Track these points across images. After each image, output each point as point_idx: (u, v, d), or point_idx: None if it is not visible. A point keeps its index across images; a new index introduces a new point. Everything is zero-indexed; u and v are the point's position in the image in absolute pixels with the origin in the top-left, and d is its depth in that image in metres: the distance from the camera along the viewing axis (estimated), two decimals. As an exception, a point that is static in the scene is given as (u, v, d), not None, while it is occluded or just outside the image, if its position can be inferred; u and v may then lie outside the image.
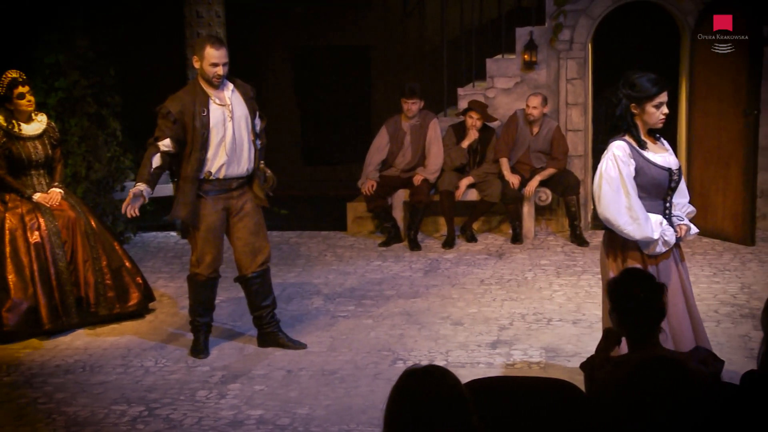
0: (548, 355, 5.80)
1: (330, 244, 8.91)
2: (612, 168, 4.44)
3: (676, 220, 4.60)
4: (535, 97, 8.58)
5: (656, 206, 4.52)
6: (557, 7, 8.98)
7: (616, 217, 4.42)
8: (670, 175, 4.51)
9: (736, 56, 8.26)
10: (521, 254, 8.30)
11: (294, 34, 11.94)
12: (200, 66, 5.71)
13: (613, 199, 4.42)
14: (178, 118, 5.66)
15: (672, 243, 4.51)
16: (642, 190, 4.48)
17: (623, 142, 4.48)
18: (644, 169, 4.46)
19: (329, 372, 5.64)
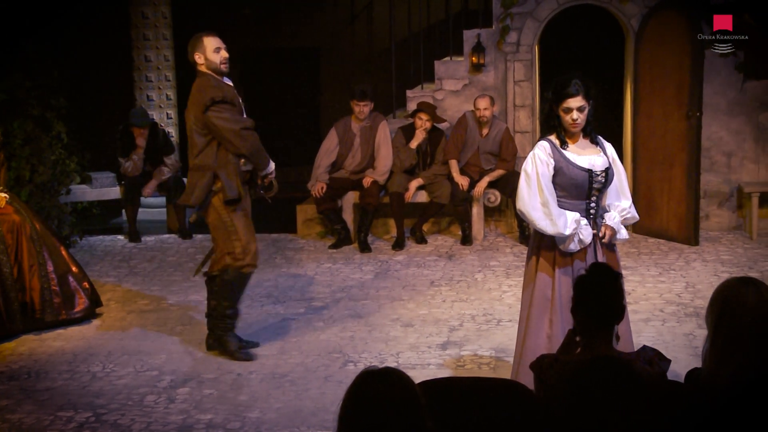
0: (498, 355, 5.84)
1: (279, 246, 8.88)
2: (531, 166, 4.58)
3: (605, 219, 4.66)
4: (484, 99, 8.63)
5: (578, 206, 4.61)
6: (504, 10, 9.05)
7: (531, 212, 4.56)
8: (591, 176, 4.57)
9: (678, 59, 8.39)
10: (471, 255, 8.35)
11: (242, 36, 11.87)
12: (204, 58, 5.74)
13: (528, 195, 4.56)
14: (234, 101, 5.76)
15: (587, 242, 4.58)
16: (562, 189, 4.58)
17: (546, 142, 4.61)
18: (564, 169, 4.55)
19: (280, 375, 5.61)
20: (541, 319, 4.66)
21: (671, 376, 3.84)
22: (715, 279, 7.14)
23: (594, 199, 4.64)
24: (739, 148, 8.92)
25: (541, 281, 4.67)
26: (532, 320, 4.69)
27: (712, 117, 8.79)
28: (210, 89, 5.71)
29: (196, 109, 5.72)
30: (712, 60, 8.70)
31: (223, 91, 5.71)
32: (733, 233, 8.81)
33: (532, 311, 4.69)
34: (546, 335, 4.64)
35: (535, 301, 4.68)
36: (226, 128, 5.67)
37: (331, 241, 8.85)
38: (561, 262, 4.63)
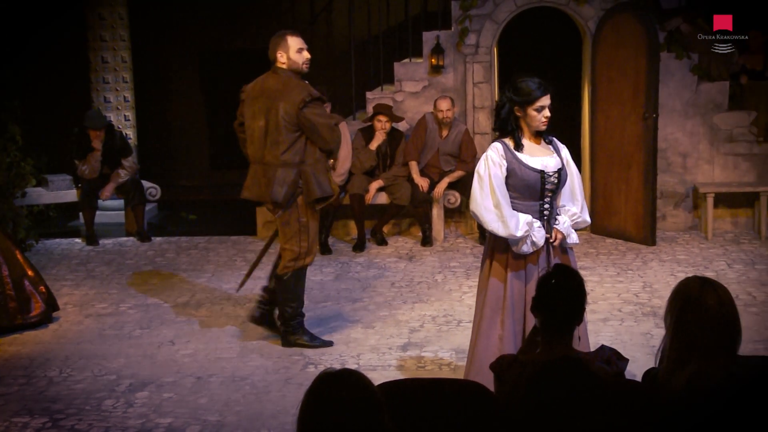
0: (458, 356, 5.86)
1: (240, 249, 8.84)
2: (483, 167, 4.62)
3: (555, 224, 4.70)
4: (445, 101, 8.67)
5: (531, 207, 4.64)
6: (463, 12, 9.10)
7: (483, 214, 4.59)
8: (543, 177, 4.61)
9: (634, 61, 8.49)
10: (431, 257, 8.37)
11: (200, 38, 11.81)
12: (287, 57, 5.84)
13: (481, 196, 4.60)
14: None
15: (540, 244, 4.61)
16: (515, 191, 4.61)
17: (499, 144, 4.64)
18: (516, 170, 4.59)
19: (240, 378, 5.59)
20: (493, 321, 4.69)
21: (629, 376, 3.88)
22: (672, 279, 7.23)
23: (547, 200, 4.68)
24: (694, 149, 9.05)
25: (494, 283, 4.70)
26: (484, 321, 4.73)
27: (668, 118, 8.90)
28: (302, 87, 5.85)
29: (290, 106, 5.77)
30: (667, 62, 8.82)
31: (312, 89, 5.86)
32: (689, 233, 8.93)
33: (484, 312, 4.73)
34: (498, 336, 4.67)
35: (488, 302, 4.71)
36: (322, 123, 5.81)
37: (291, 243, 8.81)
38: (513, 264, 4.66)
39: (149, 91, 11.31)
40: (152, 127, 11.42)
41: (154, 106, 11.54)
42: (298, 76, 5.89)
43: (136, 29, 10.53)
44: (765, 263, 7.78)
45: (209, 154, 12.40)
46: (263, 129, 5.87)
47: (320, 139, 5.82)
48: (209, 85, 12.17)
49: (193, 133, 12.24)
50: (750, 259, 7.92)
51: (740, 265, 7.77)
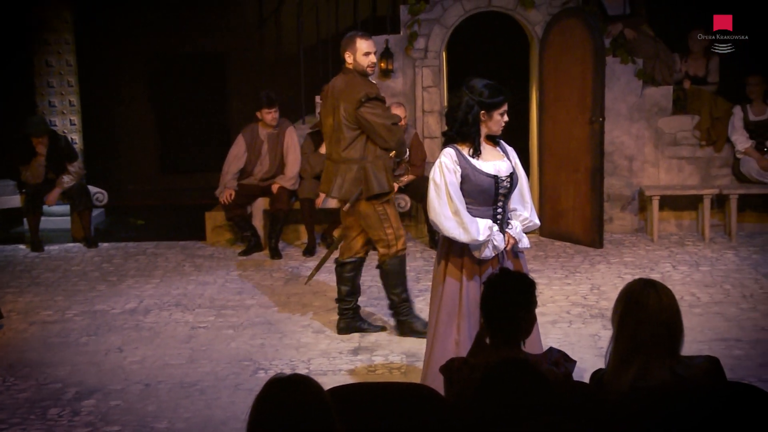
0: (409, 360, 5.87)
1: (188, 254, 8.76)
2: (438, 175, 4.60)
3: (508, 228, 4.73)
4: (399, 108, 8.68)
5: (485, 212, 4.65)
6: (412, 16, 9.13)
7: (443, 222, 4.59)
8: (497, 182, 4.64)
9: (581, 66, 8.59)
10: (381, 260, 8.36)
11: (149, 42, 11.70)
12: (353, 59, 6.01)
13: (439, 204, 4.59)
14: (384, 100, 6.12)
15: (501, 248, 4.64)
16: (469, 196, 4.62)
17: (452, 149, 4.63)
18: (470, 176, 4.59)
19: (189, 384, 5.54)
20: (449, 325, 4.69)
21: (577, 377, 3.92)
22: (619, 281, 7.32)
23: (500, 205, 4.70)
24: (640, 152, 9.17)
25: (450, 287, 4.70)
26: (440, 326, 4.72)
27: (614, 122, 9.02)
28: (363, 86, 6.00)
29: (349, 104, 5.96)
30: (612, 67, 8.94)
31: (376, 89, 6.05)
32: (635, 235, 9.05)
33: (440, 317, 4.72)
34: (454, 341, 4.67)
35: (444, 307, 4.71)
36: (379, 123, 5.97)
37: (240, 248, 8.78)
38: (469, 268, 4.67)
39: (96, 94, 11.17)
40: (99, 132, 11.28)
41: (100, 110, 11.41)
42: (364, 77, 6.04)
43: (81, 32, 10.40)
44: (708, 265, 7.92)
45: (158, 158, 12.29)
46: (332, 127, 6.11)
47: (378, 138, 6.01)
48: (158, 88, 12.07)
49: (141, 137, 12.13)
50: (694, 261, 8.05)
51: (685, 266, 7.89)
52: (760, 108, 8.89)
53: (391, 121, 6.04)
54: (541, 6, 9.04)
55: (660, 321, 3.17)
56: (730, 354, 5.76)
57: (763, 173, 8.79)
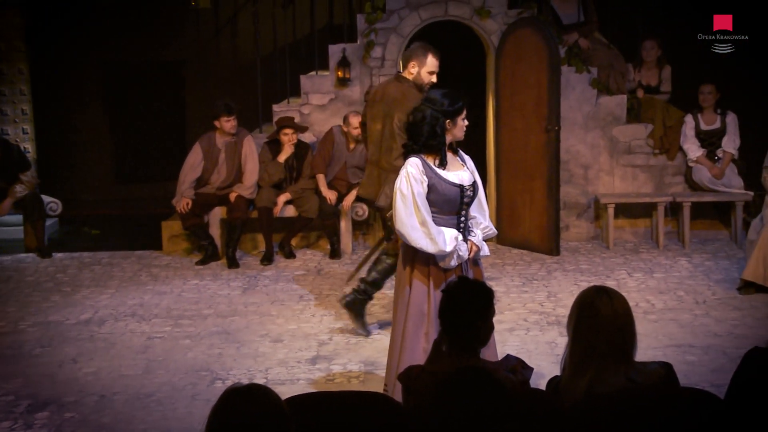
0: (367, 368, 5.87)
1: (145, 263, 8.69)
2: (405, 185, 4.59)
3: (470, 236, 4.76)
4: (357, 117, 8.70)
5: (450, 221, 4.68)
6: (368, 25, 9.15)
7: (410, 233, 4.57)
8: (462, 192, 4.67)
9: (537, 75, 8.66)
10: (340, 269, 8.37)
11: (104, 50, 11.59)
12: (417, 71, 6.01)
13: (406, 215, 4.57)
14: None
15: (465, 257, 4.67)
16: (435, 206, 4.63)
17: (417, 159, 4.63)
18: (436, 185, 4.61)
19: (145, 395, 5.48)
20: (417, 334, 4.68)
21: (535, 384, 3.95)
22: (575, 288, 7.38)
23: (464, 213, 4.74)
24: (595, 160, 9.27)
25: (417, 296, 4.68)
26: (408, 335, 4.69)
27: (569, 131, 9.10)
28: (416, 99, 5.85)
29: (402, 115, 5.82)
30: (567, 76, 9.03)
31: None
32: (591, 243, 9.13)
33: (408, 326, 4.69)
34: (422, 349, 4.64)
35: (411, 316, 4.69)
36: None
37: (197, 257, 8.72)
38: (436, 277, 4.66)
39: (50, 103, 11.04)
40: (53, 140, 11.14)
41: (55, 118, 11.27)
42: (419, 90, 5.98)
43: (33, 40, 10.28)
44: (663, 271, 8.02)
45: (113, 167, 12.17)
46: (380, 133, 6.14)
47: None
48: (114, 96, 11.95)
49: (96, 146, 11.99)
50: (649, 268, 8.15)
51: (640, 273, 7.98)
52: (711, 117, 9.03)
53: None
54: (497, 16, 9.11)
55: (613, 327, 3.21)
56: (684, 360, 5.83)
57: (714, 181, 8.93)
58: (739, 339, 6.18)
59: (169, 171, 10.11)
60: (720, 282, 7.60)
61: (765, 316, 6.58)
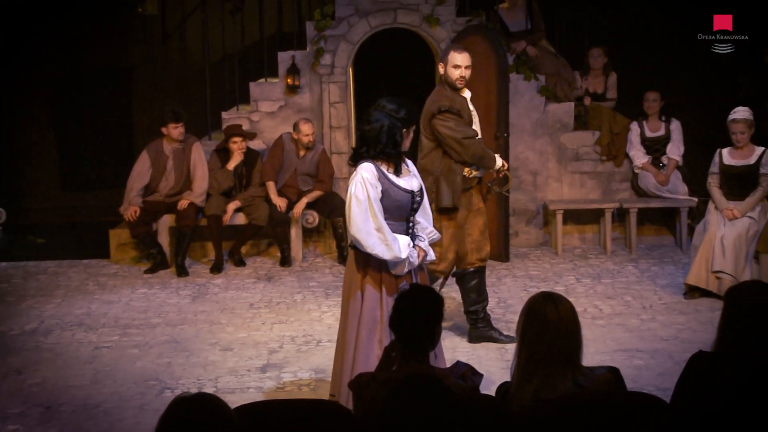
0: (318, 376, 5.85)
1: (92, 272, 8.57)
2: (360, 190, 4.56)
3: (418, 242, 4.78)
4: (308, 125, 8.69)
5: (400, 227, 4.70)
6: (318, 32, 9.15)
7: (366, 239, 4.55)
8: (413, 197, 4.69)
9: (485, 82, 8.71)
10: (290, 277, 8.34)
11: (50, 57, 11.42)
12: (445, 71, 6.15)
13: (362, 220, 4.54)
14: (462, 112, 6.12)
15: (416, 264, 4.70)
16: (386, 212, 4.63)
17: (371, 165, 4.61)
18: (389, 191, 4.62)
19: (92, 406, 5.41)
20: (370, 342, 4.66)
21: (485, 390, 3.98)
22: (525, 294, 7.43)
23: (412, 219, 4.76)
24: (544, 167, 9.36)
25: (369, 303, 4.66)
26: (361, 343, 4.66)
27: (518, 138, 9.18)
28: (440, 98, 6.09)
29: (425, 115, 6.11)
30: (516, 84, 9.11)
31: (452, 102, 6.10)
32: (540, 249, 9.21)
33: (361, 333, 4.66)
34: (376, 357, 4.62)
35: (364, 323, 4.67)
36: (449, 136, 6.08)
37: (146, 266, 8.63)
38: (388, 284, 4.66)
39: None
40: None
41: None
42: (453, 90, 6.15)
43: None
44: (610, 277, 8.11)
45: (60, 175, 12.00)
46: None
47: (451, 151, 6.13)
48: (60, 104, 11.79)
49: (42, 153, 11.81)
50: (597, 273, 8.24)
51: (588, 279, 8.07)
52: (656, 124, 9.17)
53: (463, 135, 6.10)
54: (446, 23, 9.16)
55: (558, 333, 3.25)
56: (631, 364, 5.91)
57: (660, 187, 9.06)
58: (684, 343, 6.28)
59: (117, 179, 10.00)
60: (666, 287, 7.72)
61: (709, 320, 6.69)
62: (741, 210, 7.32)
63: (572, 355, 3.26)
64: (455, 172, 6.15)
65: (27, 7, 10.91)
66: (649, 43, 9.99)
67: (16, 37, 11.16)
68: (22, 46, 11.24)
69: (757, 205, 7.39)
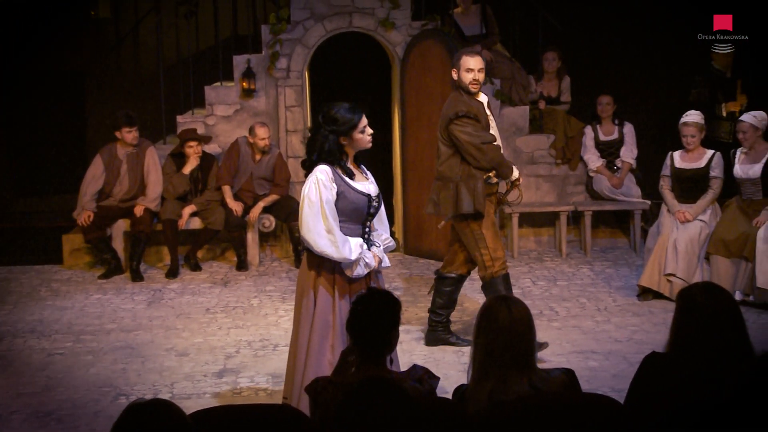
0: (275, 380, 5.83)
1: (44, 278, 8.46)
2: (314, 192, 4.56)
3: (373, 248, 4.79)
4: (264, 128, 8.65)
5: (355, 230, 4.70)
6: (273, 36, 9.12)
7: (316, 240, 4.55)
8: (369, 201, 4.70)
9: (441, 86, 8.75)
10: (246, 281, 8.30)
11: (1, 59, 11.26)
12: (458, 76, 6.07)
13: (313, 221, 4.55)
14: (479, 117, 6.02)
15: (372, 266, 4.69)
16: (342, 214, 4.63)
17: (327, 166, 4.61)
18: (345, 193, 4.62)
19: (45, 413, 5.33)
20: (322, 347, 4.65)
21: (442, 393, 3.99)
22: (481, 297, 7.44)
23: (368, 224, 4.76)
24: (500, 170, 9.40)
25: (322, 308, 4.65)
26: (313, 347, 4.65)
27: (474, 142, 9.21)
28: (457, 104, 6.00)
29: (442, 121, 6.10)
30: (472, 87, 9.15)
31: (468, 107, 6.03)
32: (496, 252, 9.25)
33: (313, 338, 4.65)
34: (328, 361, 4.61)
35: (316, 328, 4.65)
36: (467, 141, 6.00)
37: (100, 271, 8.54)
38: (341, 288, 4.65)
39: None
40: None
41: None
42: (468, 94, 6.08)
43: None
44: (566, 279, 8.18)
45: (11, 180, 11.82)
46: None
47: (468, 156, 6.05)
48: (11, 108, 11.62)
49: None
50: (552, 276, 8.31)
51: (543, 281, 8.13)
52: (609, 128, 9.27)
53: (480, 140, 6.00)
54: (401, 27, 9.19)
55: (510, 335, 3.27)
56: (586, 365, 5.97)
57: (614, 190, 9.17)
58: (638, 344, 6.35)
59: (70, 183, 9.89)
60: (620, 289, 7.80)
61: (662, 321, 6.78)
62: (692, 213, 7.43)
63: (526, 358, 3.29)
64: (475, 178, 6.06)
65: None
66: (603, 47, 10.10)
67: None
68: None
69: (708, 207, 7.51)
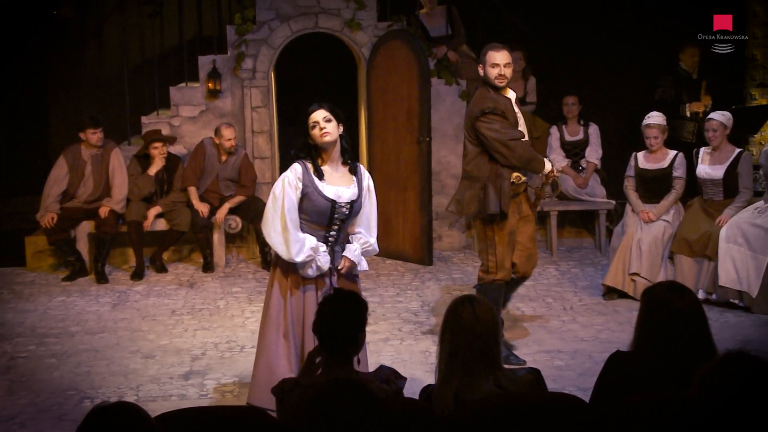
0: (242, 382, 5.80)
1: (6, 281, 8.36)
2: (279, 189, 4.66)
3: (345, 252, 4.79)
4: (230, 129, 8.61)
5: (317, 232, 4.74)
6: (239, 37, 9.08)
7: (271, 234, 4.66)
8: (334, 207, 4.70)
9: (407, 87, 8.78)
10: (213, 282, 8.26)
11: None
12: (484, 72, 5.87)
13: (271, 217, 4.65)
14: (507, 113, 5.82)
15: (325, 269, 4.71)
16: (306, 213, 4.70)
17: (300, 165, 4.70)
18: (310, 195, 4.67)
19: (7, 418, 5.27)
20: (277, 343, 4.74)
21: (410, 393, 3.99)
22: (448, 297, 7.50)
23: (335, 229, 4.76)
24: (466, 171, 9.42)
25: (275, 304, 4.77)
26: (264, 342, 4.79)
27: (440, 142, 9.25)
28: (483, 100, 5.81)
29: (468, 118, 5.94)
30: (437, 88, 9.18)
31: (495, 103, 5.83)
32: (463, 252, 9.29)
33: (266, 333, 4.78)
34: (280, 358, 4.73)
35: (269, 323, 4.77)
36: (494, 138, 5.80)
37: (64, 273, 8.45)
38: (295, 286, 4.73)
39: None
40: None
41: None
42: (495, 90, 5.89)
43: None
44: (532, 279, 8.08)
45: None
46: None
47: (497, 154, 5.83)
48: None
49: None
50: (519, 275, 8.34)
51: (510, 281, 8.16)
52: (575, 128, 9.33)
53: (509, 137, 5.76)
54: (367, 28, 9.19)
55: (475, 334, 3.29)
56: (553, 365, 6.00)
57: (579, 191, 9.23)
58: (603, 343, 6.40)
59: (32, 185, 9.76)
60: (586, 288, 7.86)
61: (627, 320, 6.83)
62: (656, 213, 7.51)
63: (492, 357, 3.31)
64: (503, 177, 5.80)
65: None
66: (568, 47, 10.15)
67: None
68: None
69: (672, 207, 7.59)
